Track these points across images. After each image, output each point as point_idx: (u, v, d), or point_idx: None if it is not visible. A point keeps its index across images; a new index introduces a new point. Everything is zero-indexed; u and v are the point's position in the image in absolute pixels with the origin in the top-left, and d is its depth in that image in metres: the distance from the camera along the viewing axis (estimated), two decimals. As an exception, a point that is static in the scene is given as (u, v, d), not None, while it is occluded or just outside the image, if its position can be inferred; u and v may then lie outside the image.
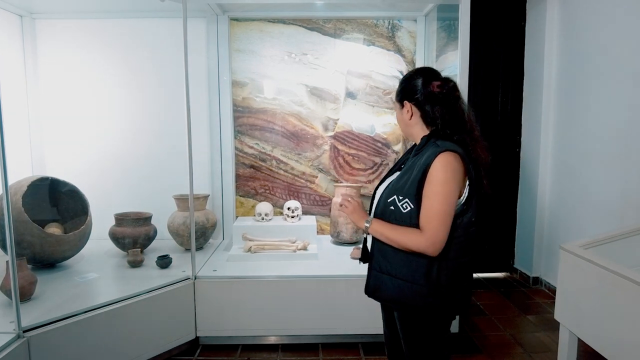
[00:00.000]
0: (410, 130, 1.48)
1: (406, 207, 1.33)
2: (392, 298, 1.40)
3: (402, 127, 1.52)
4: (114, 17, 3.13)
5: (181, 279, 2.43)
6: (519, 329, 2.78)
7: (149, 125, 3.23)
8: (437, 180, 1.28)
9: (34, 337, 1.82)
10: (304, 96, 3.30)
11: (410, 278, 1.35)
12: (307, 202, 3.40)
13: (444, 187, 1.28)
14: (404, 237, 1.32)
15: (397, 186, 1.38)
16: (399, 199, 1.34)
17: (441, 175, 1.28)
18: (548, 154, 3.39)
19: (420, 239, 1.29)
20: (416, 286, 1.34)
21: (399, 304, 1.40)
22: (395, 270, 1.37)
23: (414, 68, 1.52)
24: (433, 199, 1.28)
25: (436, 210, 1.27)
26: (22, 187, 2.42)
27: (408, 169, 1.38)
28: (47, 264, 2.55)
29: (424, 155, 1.34)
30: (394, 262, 1.37)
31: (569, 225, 3.16)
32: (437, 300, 1.35)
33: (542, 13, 3.35)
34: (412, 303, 1.36)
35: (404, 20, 3.26)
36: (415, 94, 1.41)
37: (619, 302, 1.60)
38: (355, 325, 2.49)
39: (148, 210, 2.91)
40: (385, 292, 1.40)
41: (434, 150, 1.32)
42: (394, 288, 1.38)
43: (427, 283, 1.33)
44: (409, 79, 1.45)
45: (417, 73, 1.45)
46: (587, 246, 1.84)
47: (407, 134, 1.51)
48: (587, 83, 2.95)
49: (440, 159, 1.29)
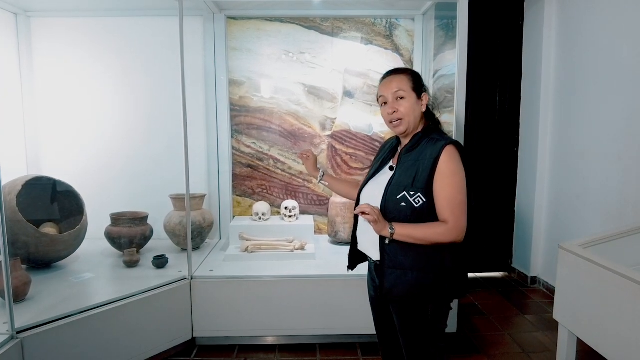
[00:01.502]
0: (416, 123, 1.49)
1: (418, 201, 1.36)
2: (407, 292, 1.41)
3: (413, 119, 1.47)
4: (109, 15, 3.10)
5: (177, 279, 2.41)
6: (518, 328, 2.77)
7: (145, 124, 3.21)
8: (449, 172, 1.33)
9: (28, 338, 1.79)
10: (301, 95, 3.28)
11: (426, 269, 1.38)
12: (305, 202, 3.38)
13: (456, 177, 1.33)
14: (431, 233, 1.34)
15: (405, 182, 1.39)
16: (409, 194, 1.37)
17: (452, 166, 1.33)
18: (546, 153, 3.38)
19: (446, 230, 1.33)
20: (431, 275, 1.38)
21: (413, 296, 1.41)
22: (410, 264, 1.39)
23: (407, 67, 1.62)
24: (449, 190, 1.33)
25: (456, 200, 1.33)
26: (17, 187, 2.39)
27: (412, 165, 1.41)
28: (42, 264, 2.53)
29: (426, 150, 1.39)
30: (409, 256, 1.39)
31: (567, 224, 3.15)
32: (450, 284, 1.40)
33: (540, 12, 3.34)
34: (429, 292, 1.40)
35: (402, 19, 3.25)
36: (427, 89, 1.51)
37: (619, 302, 1.59)
38: (353, 326, 2.47)
39: (144, 210, 2.89)
40: (402, 288, 1.41)
41: (438, 143, 1.37)
42: (409, 282, 1.39)
43: (442, 271, 1.39)
44: (420, 75, 1.53)
45: (416, 71, 1.56)
46: (586, 245, 1.83)
47: (413, 127, 1.49)
48: (585, 82, 2.94)
49: (448, 151, 1.34)
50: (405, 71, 1.52)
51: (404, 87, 1.46)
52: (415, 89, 1.47)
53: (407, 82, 1.47)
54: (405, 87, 1.47)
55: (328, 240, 3.18)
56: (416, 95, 1.47)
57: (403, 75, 1.49)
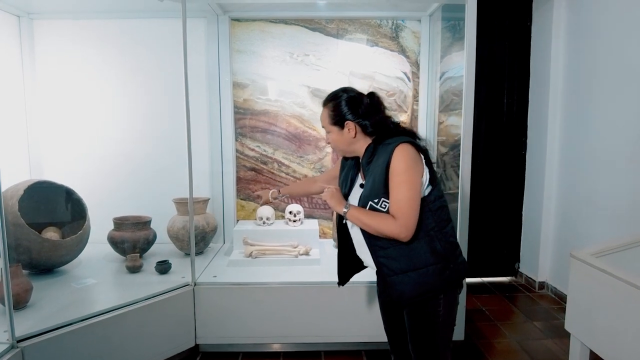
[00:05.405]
0: (353, 147, 1.54)
1: (385, 205, 1.41)
2: (416, 292, 1.44)
3: (344, 147, 1.54)
4: (113, 18, 3.08)
5: (180, 285, 2.38)
6: (526, 335, 2.72)
7: (149, 128, 3.18)
8: (400, 170, 1.37)
9: (29, 347, 1.76)
10: (306, 97, 3.24)
11: (423, 263, 1.42)
12: (310, 206, 3.34)
13: (406, 175, 1.37)
14: (379, 223, 1.39)
15: (368, 194, 1.45)
16: (375, 202, 1.42)
17: (402, 164, 1.37)
18: (555, 156, 3.32)
19: (394, 225, 1.37)
20: (431, 267, 1.43)
21: (423, 294, 1.44)
22: (407, 265, 1.43)
23: (336, 91, 1.56)
24: (399, 188, 1.37)
25: (404, 198, 1.37)
26: (19, 191, 2.37)
27: (371, 174, 1.46)
28: (44, 269, 2.50)
29: (380, 156, 1.43)
30: (403, 258, 1.43)
31: (576, 229, 3.09)
32: (451, 270, 1.46)
33: (549, 12, 3.28)
34: (435, 285, 1.44)
35: (408, 20, 3.20)
36: (356, 112, 1.49)
37: (634, 314, 1.54)
38: (358, 332, 2.43)
39: (147, 214, 2.86)
40: (409, 290, 1.44)
41: (389, 146, 1.41)
42: (413, 282, 1.43)
43: (438, 259, 1.43)
44: (340, 101, 1.51)
45: (343, 93, 1.53)
46: (599, 254, 1.78)
47: (349, 152, 1.56)
48: (594, 84, 2.89)
49: (398, 151, 1.38)
50: (327, 103, 1.55)
51: (324, 123, 1.55)
52: (335, 123, 1.51)
53: (327, 117, 1.53)
54: (325, 122, 1.54)
55: (333, 244, 3.14)
56: (338, 127, 1.51)
57: (325, 109, 1.54)
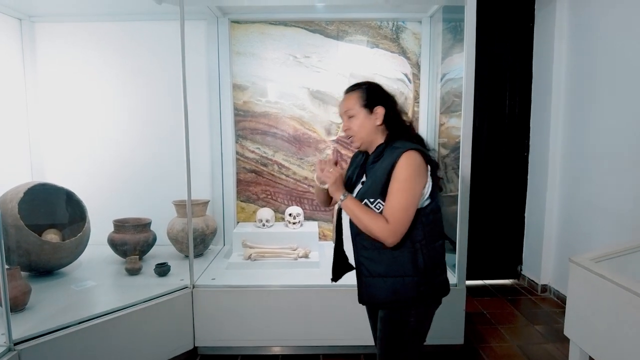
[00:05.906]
0: (373, 137, 1.52)
1: (379, 206, 1.41)
2: (388, 299, 1.45)
3: (365, 134, 1.51)
4: (114, 20, 3.09)
5: (179, 287, 2.38)
6: (527, 340, 2.70)
7: (149, 129, 3.18)
8: (402, 177, 1.37)
9: (26, 349, 1.77)
10: (305, 99, 3.23)
11: (401, 272, 1.43)
12: (310, 208, 3.33)
13: (407, 183, 1.37)
14: (371, 220, 1.39)
15: (366, 191, 1.46)
16: (370, 201, 1.43)
17: (405, 172, 1.37)
18: (557, 158, 3.29)
19: (384, 228, 1.37)
20: (407, 279, 1.43)
21: (395, 302, 1.45)
22: (385, 270, 1.44)
23: (365, 81, 1.58)
24: (398, 194, 1.37)
25: (400, 205, 1.37)
26: (19, 194, 2.38)
27: (372, 174, 1.47)
28: (43, 271, 2.51)
29: (386, 159, 1.43)
30: (383, 263, 1.44)
31: (579, 231, 3.06)
32: (427, 286, 1.44)
33: (551, 14, 3.25)
34: (408, 296, 1.43)
35: (409, 21, 3.19)
36: (387, 99, 1.51)
37: (633, 321, 1.52)
38: (357, 336, 2.41)
39: (147, 216, 2.87)
40: (381, 294, 1.45)
41: (397, 151, 1.40)
42: (387, 289, 1.44)
43: (416, 272, 1.42)
44: (376, 86, 1.54)
45: (373, 83, 1.55)
46: (599, 259, 1.75)
47: (367, 141, 1.53)
48: (597, 85, 2.85)
49: (405, 157, 1.38)
50: (357, 88, 1.54)
51: (352, 106, 1.51)
52: (366, 105, 1.50)
53: (357, 99, 1.51)
54: (354, 105, 1.51)
55: (332, 247, 3.12)
56: (367, 110, 1.50)
57: (354, 93, 1.53)
